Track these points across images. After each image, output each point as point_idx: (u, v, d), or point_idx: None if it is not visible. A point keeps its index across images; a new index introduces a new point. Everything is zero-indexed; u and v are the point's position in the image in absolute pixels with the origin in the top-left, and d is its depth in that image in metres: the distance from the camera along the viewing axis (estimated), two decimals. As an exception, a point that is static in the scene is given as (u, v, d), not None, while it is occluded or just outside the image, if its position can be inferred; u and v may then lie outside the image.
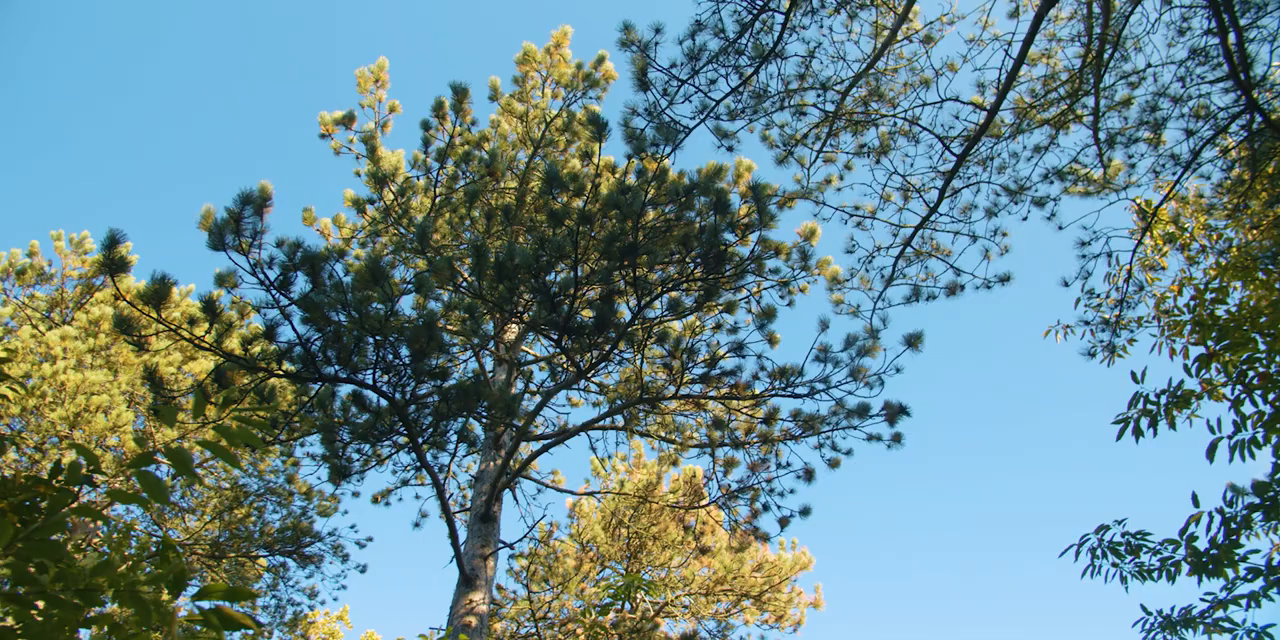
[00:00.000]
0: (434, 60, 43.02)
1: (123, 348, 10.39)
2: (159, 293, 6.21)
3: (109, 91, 41.53)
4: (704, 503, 12.07)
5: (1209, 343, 4.94)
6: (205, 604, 1.83)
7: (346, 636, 18.55)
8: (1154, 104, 8.63)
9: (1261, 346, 4.74)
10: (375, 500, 10.86)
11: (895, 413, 8.70)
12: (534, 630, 13.22)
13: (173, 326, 6.40)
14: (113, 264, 5.95)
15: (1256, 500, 4.09)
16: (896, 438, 8.95)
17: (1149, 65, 8.51)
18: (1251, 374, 4.65)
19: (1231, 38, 7.02)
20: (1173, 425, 4.84)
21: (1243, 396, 4.64)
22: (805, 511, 9.61)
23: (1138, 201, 9.09)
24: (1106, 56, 8.33)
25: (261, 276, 6.54)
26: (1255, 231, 8.46)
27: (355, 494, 11.08)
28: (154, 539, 10.29)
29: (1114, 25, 8.23)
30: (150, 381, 6.85)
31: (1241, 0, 7.41)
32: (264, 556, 12.01)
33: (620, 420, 10.02)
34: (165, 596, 1.83)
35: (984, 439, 45.56)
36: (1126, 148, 8.97)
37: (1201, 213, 9.14)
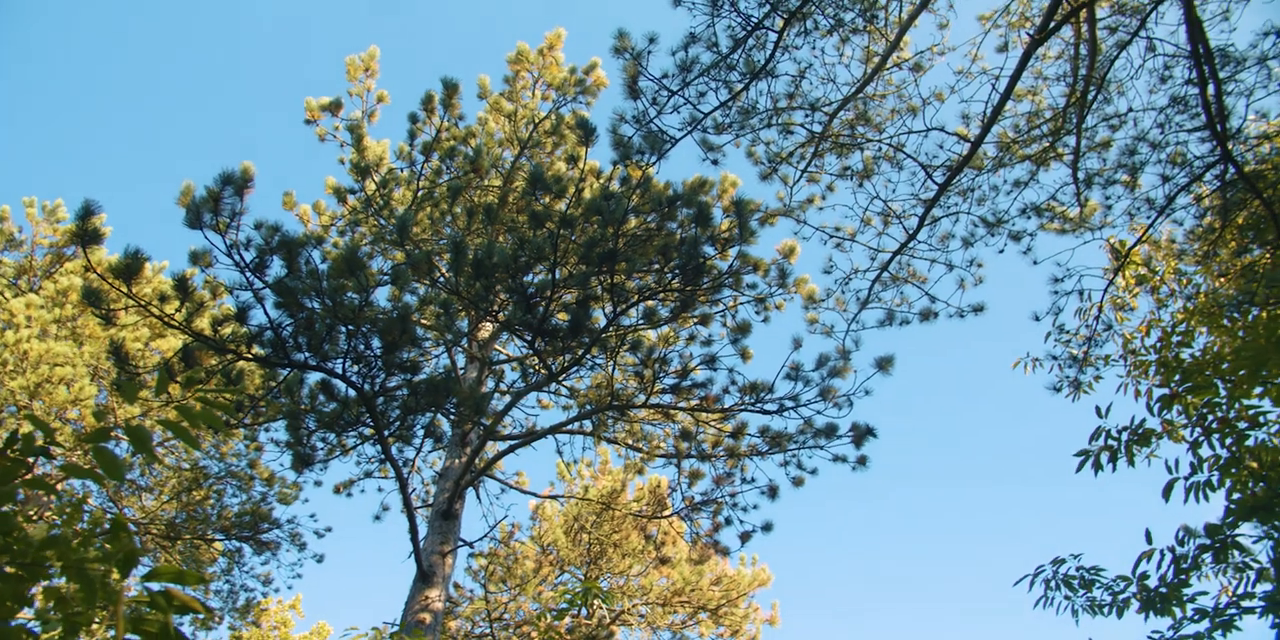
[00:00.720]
0: (424, 55, 42.81)
1: (90, 320, 10.15)
2: (131, 267, 6.10)
3: (93, 65, 40.90)
4: (667, 513, 12.07)
5: (1172, 384, 5.02)
6: (154, 585, 1.79)
7: (298, 626, 18.25)
8: (1133, 148, 8.77)
9: (1222, 392, 4.82)
10: (337, 490, 10.72)
11: (862, 435, 8.72)
12: (489, 631, 13.09)
13: (142, 302, 6.29)
14: (85, 235, 5.84)
15: (1208, 541, 4.15)
16: (862, 460, 8.95)
17: (1130, 110, 8.66)
18: (1211, 418, 4.73)
19: (1210, 89, 7.14)
20: (1131, 462, 4.90)
21: (1201, 439, 4.71)
22: (767, 528, 9.64)
23: (1111, 242, 9.22)
24: (1090, 98, 8.48)
25: (237, 258, 6.45)
26: (1223, 279, 8.58)
27: (317, 483, 10.90)
28: (107, 515, 10.02)
29: (1099, 68, 8.38)
30: (115, 356, 6.72)
31: (1221, 54, 7.54)
32: (220, 540, 11.76)
33: (589, 425, 10.00)
34: (115, 576, 1.78)
35: (948, 464, 45.97)
36: (1104, 189, 9.11)
37: (1173, 257, 9.28)
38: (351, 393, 7.47)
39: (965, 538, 44.24)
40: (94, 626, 1.86)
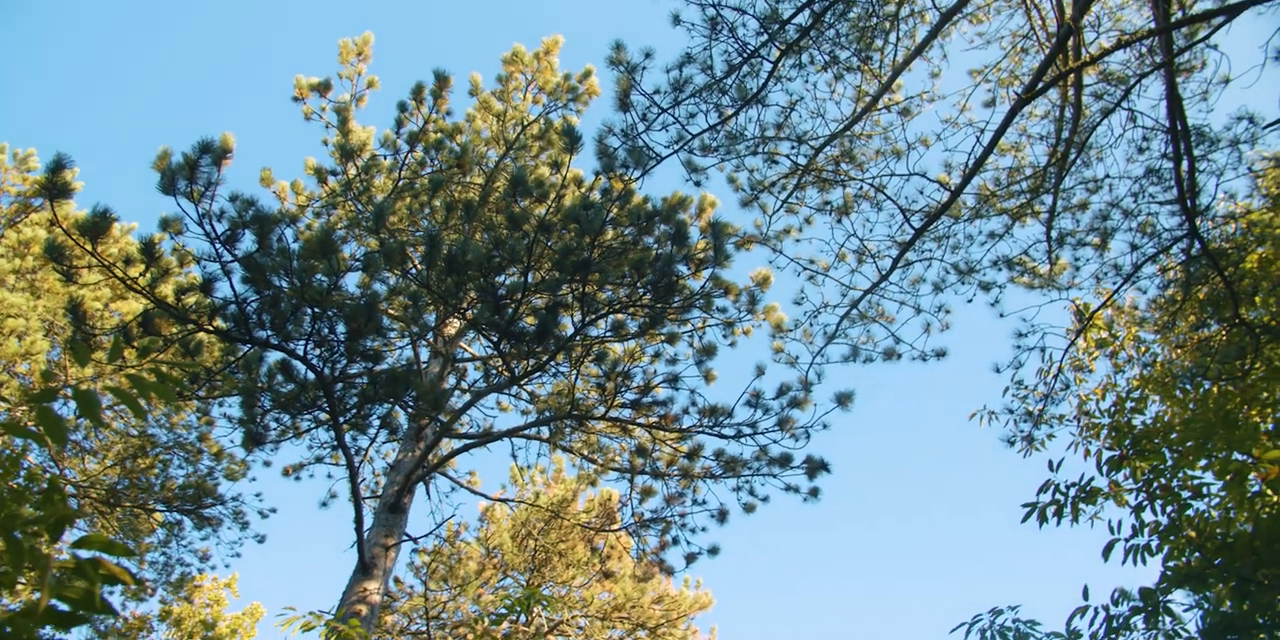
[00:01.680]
0: (419, 47, 42.29)
1: (50, 274, 9.75)
2: (99, 226, 5.94)
3: (85, 23, 40.05)
4: (615, 527, 11.97)
5: (1123, 446, 5.09)
6: (84, 553, 1.72)
7: (231, 605, 17.64)
8: (1106, 213, 8.90)
9: (1169, 460, 4.90)
10: (286, 472, 10.43)
11: (816, 467, 8.74)
12: (425, 629, 12.80)
13: (106, 262, 6.12)
14: (54, 188, 5.67)
15: (1141, 605, 4.19)
16: (814, 492, 8.98)
17: (1108, 176, 8.80)
18: (1156, 484, 4.79)
19: (1184, 165, 7.23)
20: (1076, 519, 4.93)
21: (1145, 504, 4.76)
22: (714, 551, 9.65)
23: (1076, 303, 9.25)
24: (1070, 160, 8.63)
25: (208, 228, 6.31)
26: (1179, 351, 8.57)
27: (267, 463, 10.54)
28: (46, 473, 9.64)
29: (1081, 132, 8.52)
30: (73, 314, 6.52)
31: (1198, 132, 7.71)
32: (161, 511, 11.33)
33: (546, 432, 9.90)
34: (45, 537, 1.72)
35: (900, 504, 46.28)
36: (1075, 249, 9.23)
37: (1134, 324, 9.32)
38: (310, 376, 7.33)
39: (908, 577, 44.52)
40: (18, 587, 1.79)
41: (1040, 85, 7.69)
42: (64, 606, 1.59)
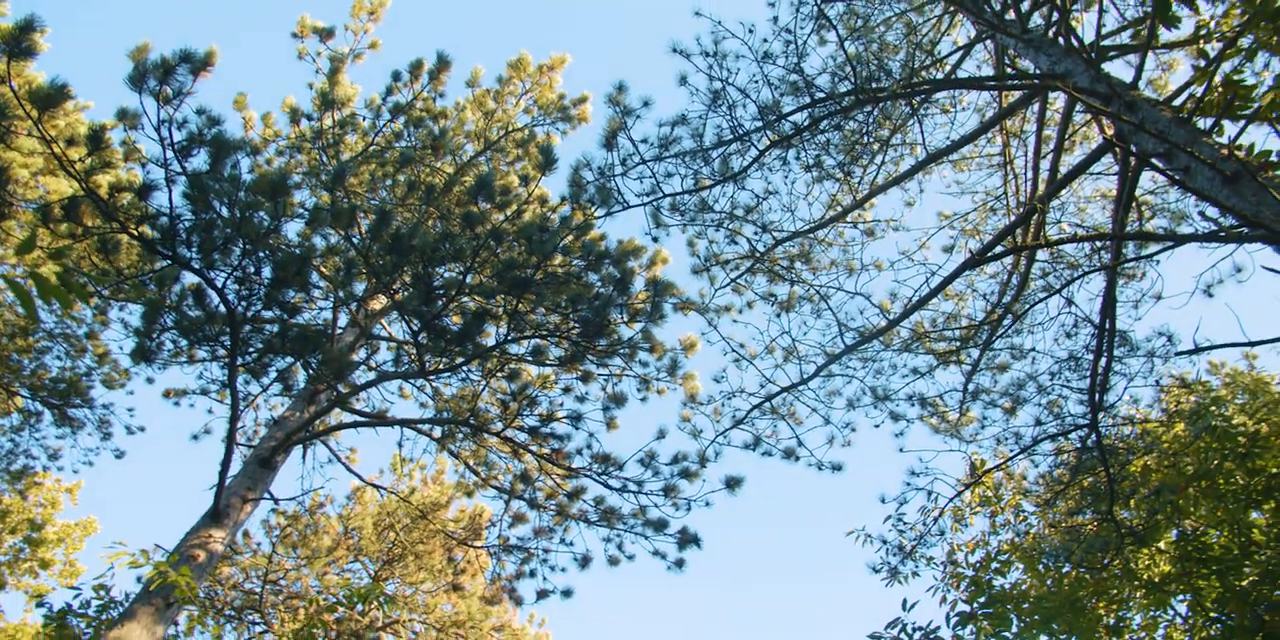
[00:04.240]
0: (429, 31, 40.51)
1: None
2: (52, 99, 5.01)
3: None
4: (479, 544, 10.80)
5: (975, 604, 4.37)
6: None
7: (67, 512, 15.21)
8: (1023, 383, 8.34)
9: (1014, 628, 4.13)
10: (167, 395, 9.00)
11: (688, 540, 7.86)
12: (259, 589, 11.16)
13: (48, 137, 5.17)
14: (18, 47, 4.78)
15: None
16: (680, 563, 8.05)
17: (1033, 349, 8.24)
18: None
19: (1103, 362, 6.73)
20: None
21: None
22: (567, 593, 8.64)
23: (973, 458, 8.60)
24: (1005, 325, 7.97)
25: (166, 134, 5.38)
26: (1052, 529, 8.07)
27: (150, 380, 8.93)
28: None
29: (1021, 303, 7.95)
30: (-4, 177, 5.52)
31: (1121, 336, 7.25)
32: (24, 397, 9.64)
33: (439, 432, 8.75)
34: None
35: (764, 598, 43.88)
36: (985, 408, 8.54)
37: (1019, 493, 8.76)
38: (222, 309, 6.28)
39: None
40: None
41: (996, 250, 7.11)
42: None
